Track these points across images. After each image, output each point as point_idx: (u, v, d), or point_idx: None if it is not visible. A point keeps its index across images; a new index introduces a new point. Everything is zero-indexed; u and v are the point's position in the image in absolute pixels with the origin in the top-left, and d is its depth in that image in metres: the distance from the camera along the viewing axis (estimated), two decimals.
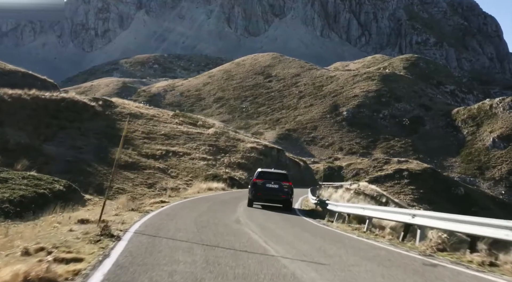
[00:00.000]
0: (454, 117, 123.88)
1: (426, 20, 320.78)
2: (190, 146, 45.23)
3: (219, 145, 50.09)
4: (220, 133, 54.25)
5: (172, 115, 54.16)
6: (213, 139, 51.07)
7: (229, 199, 26.18)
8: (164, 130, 45.72)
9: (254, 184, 22.85)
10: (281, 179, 23.12)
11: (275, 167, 37.64)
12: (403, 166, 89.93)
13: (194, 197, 24.97)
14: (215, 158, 45.00)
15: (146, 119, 47.05)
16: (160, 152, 38.70)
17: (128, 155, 34.21)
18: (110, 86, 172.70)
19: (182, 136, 46.81)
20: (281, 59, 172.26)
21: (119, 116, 42.45)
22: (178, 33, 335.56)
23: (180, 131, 48.07)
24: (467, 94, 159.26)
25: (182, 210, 17.28)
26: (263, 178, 23.01)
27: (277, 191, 22.59)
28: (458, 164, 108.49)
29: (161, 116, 51.46)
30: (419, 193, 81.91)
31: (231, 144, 52.27)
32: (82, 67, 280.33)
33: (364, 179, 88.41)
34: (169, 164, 36.69)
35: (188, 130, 50.01)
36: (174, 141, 44.27)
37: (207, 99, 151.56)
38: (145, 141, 40.03)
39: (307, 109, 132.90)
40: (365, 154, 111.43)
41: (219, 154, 47.33)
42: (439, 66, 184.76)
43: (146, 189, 27.80)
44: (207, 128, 54.97)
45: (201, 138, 49.67)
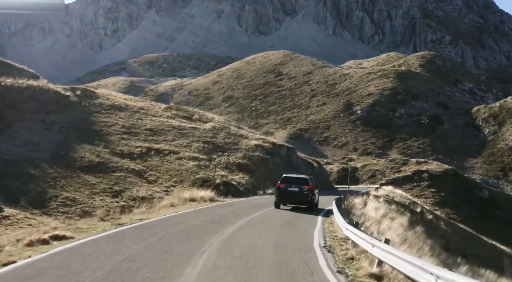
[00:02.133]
0: (474, 116, 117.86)
1: (441, 18, 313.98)
2: (179, 143, 38.97)
3: (216, 142, 43.29)
4: (219, 128, 47.39)
5: (164, 108, 47.61)
6: (209, 135, 44.42)
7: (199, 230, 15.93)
8: (151, 124, 39.80)
9: (278, 188, 26.01)
10: (302, 183, 25.90)
11: (284, 169, 39.32)
12: (422, 167, 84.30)
13: (144, 222, 16.72)
14: (210, 158, 38.83)
15: (132, 111, 40.50)
16: (140, 150, 32.09)
17: (95, 153, 27.85)
18: (117, 85, 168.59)
19: (171, 131, 40.65)
20: (293, 57, 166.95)
21: (98, 108, 36.43)
22: (188, 32, 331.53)
23: (170, 126, 41.82)
24: (486, 92, 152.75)
25: None
26: (285, 183, 25.92)
27: (298, 194, 25.47)
28: (480, 165, 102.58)
29: (151, 109, 44.84)
30: (440, 196, 76.32)
31: (232, 141, 45.20)
32: (91, 67, 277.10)
33: (381, 181, 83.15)
34: (149, 165, 30.41)
35: (180, 125, 43.37)
36: (161, 137, 37.93)
37: (216, 98, 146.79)
38: (124, 136, 33.66)
39: (320, 108, 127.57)
40: (380, 154, 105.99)
41: (215, 152, 40.77)
42: (456, 64, 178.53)
43: (108, 199, 21.55)
44: (204, 122, 48.06)
45: (195, 134, 43.08)
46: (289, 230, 17.59)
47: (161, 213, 19.93)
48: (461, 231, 53.96)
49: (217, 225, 17.02)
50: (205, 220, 18.48)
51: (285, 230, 17.36)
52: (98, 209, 18.10)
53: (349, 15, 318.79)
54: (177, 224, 16.58)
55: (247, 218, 19.91)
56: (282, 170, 43.35)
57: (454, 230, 49.33)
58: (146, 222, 16.82)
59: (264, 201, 30.73)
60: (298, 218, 21.79)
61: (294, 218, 22.01)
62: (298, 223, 19.99)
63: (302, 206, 26.41)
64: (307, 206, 26.22)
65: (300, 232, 17.17)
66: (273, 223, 19.46)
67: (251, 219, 19.87)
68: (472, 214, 73.37)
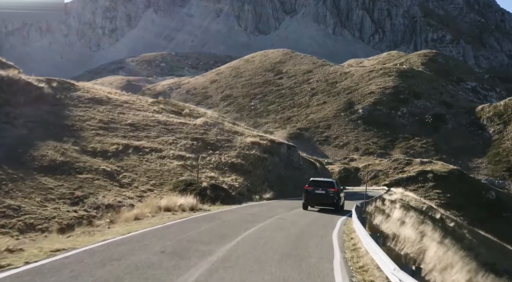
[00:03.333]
0: (479, 115, 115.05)
1: (441, 17, 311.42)
2: (164, 140, 34.55)
3: (207, 139, 38.55)
4: (211, 124, 42.60)
5: (151, 102, 43.27)
6: (199, 132, 39.69)
7: None
8: (133, 119, 35.70)
9: (306, 191, 27.36)
10: (328, 186, 27.35)
11: (284, 169, 36.71)
12: (427, 168, 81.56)
13: (41, 263, 10.14)
14: (198, 157, 33.42)
15: (114, 105, 36.52)
16: (116, 148, 28.23)
17: (61, 151, 23.60)
18: (114, 84, 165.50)
19: (156, 127, 36.33)
20: (292, 55, 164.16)
21: (75, 101, 32.71)
22: (187, 32, 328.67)
23: (155, 121, 37.63)
24: (490, 91, 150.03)
25: None
26: (313, 186, 27.30)
27: (324, 196, 26.90)
28: (485, 166, 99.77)
29: (136, 103, 40.73)
30: (446, 198, 73.60)
31: (225, 138, 40.31)
32: (89, 67, 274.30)
33: (384, 181, 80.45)
34: (124, 165, 26.34)
35: (167, 120, 39.07)
36: (143, 133, 33.85)
37: (214, 97, 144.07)
38: (100, 132, 29.80)
39: (320, 107, 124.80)
40: (383, 154, 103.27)
41: (205, 151, 36.00)
42: (459, 62, 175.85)
43: (64, 208, 17.43)
44: (195, 117, 43.31)
45: (183, 129, 38.48)
46: (292, 270, 11.23)
47: (109, 233, 14.48)
48: (484, 240, 50.80)
49: (177, 263, 10.80)
50: (163, 250, 12.15)
51: (287, 270, 11.17)
52: (47, 220, 14.82)
53: (349, 14, 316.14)
54: (104, 265, 10.11)
55: (232, 243, 13.89)
56: (282, 171, 39.70)
57: (477, 238, 46.08)
58: (44, 263, 10.15)
59: (259, 210, 25.29)
60: (303, 248, 14.33)
61: (297, 243, 15.21)
62: (306, 255, 13.24)
63: (328, 207, 27.64)
64: (333, 207, 27.42)
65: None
66: (269, 253, 12.94)
67: (238, 245, 13.66)
68: (479, 216, 70.58)
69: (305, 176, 40.52)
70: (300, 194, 31.75)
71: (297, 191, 39.82)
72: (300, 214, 24.89)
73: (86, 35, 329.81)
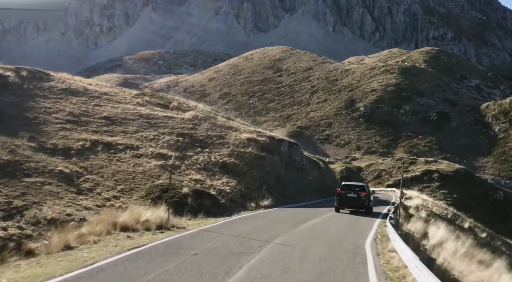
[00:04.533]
0: (484, 113, 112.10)
1: (442, 15, 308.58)
2: (143, 135, 29.84)
3: (195, 135, 33.52)
4: (201, 118, 37.52)
5: (135, 93, 38.62)
6: (187, 127, 34.64)
7: None
8: (110, 112, 31.21)
9: (338, 194, 28.52)
10: (359, 190, 28.44)
11: (284, 169, 33.82)
12: (432, 167, 78.56)
13: None
14: (183, 156, 29.29)
15: (90, 97, 32.28)
16: (82, 144, 23.96)
17: (10, 148, 19.60)
18: (110, 82, 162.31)
19: (136, 121, 31.69)
20: (292, 53, 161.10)
21: (45, 92, 29.10)
22: (185, 30, 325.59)
23: (136, 114, 32.93)
24: (493, 89, 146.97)
25: None
26: (345, 190, 28.48)
27: (356, 199, 27.93)
28: (491, 165, 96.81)
29: (118, 95, 36.39)
30: (452, 198, 70.53)
31: (216, 134, 35.28)
32: (86, 65, 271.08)
33: (388, 181, 77.50)
34: (89, 165, 22.20)
35: (150, 113, 34.31)
36: (119, 127, 29.39)
37: (213, 95, 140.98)
38: (67, 126, 25.66)
39: (321, 105, 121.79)
40: (385, 153, 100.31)
41: (192, 148, 31.01)
42: (462, 60, 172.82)
43: None
44: (184, 111, 38.29)
45: (169, 124, 33.70)
46: None
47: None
48: None
49: None
50: None
51: None
52: None
53: (349, 11, 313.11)
54: None
55: None
56: (283, 172, 36.01)
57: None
58: None
59: (252, 228, 19.11)
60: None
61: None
62: None
63: (359, 210, 28.48)
64: (363, 210, 28.39)
65: None
66: None
67: None
68: (487, 218, 67.59)
69: (309, 178, 36.54)
70: (304, 199, 29.67)
71: (301, 195, 35.60)
72: (309, 234, 18.50)
73: (84, 33, 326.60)
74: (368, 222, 23.64)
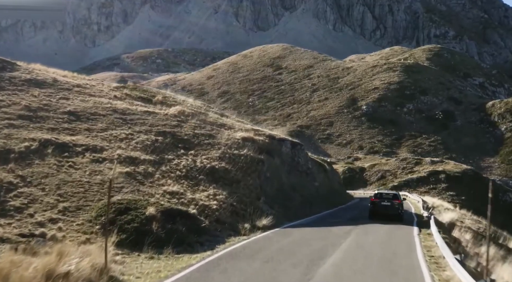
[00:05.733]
0: (489, 111, 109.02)
1: (444, 13, 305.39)
2: (114, 134, 24.54)
3: (179, 133, 28.06)
4: (188, 114, 31.74)
5: (114, 86, 34.14)
6: (170, 124, 29.14)
7: None
8: (77, 106, 26.16)
9: (373, 203, 30.07)
10: (393, 198, 29.97)
11: (287, 175, 29.96)
12: (438, 168, 75.51)
13: None
14: (161, 160, 23.68)
15: (59, 89, 27.59)
16: (28, 146, 19.14)
17: None
18: (107, 80, 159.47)
19: (108, 117, 26.51)
20: (292, 50, 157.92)
21: (3, 83, 25.40)
22: (184, 28, 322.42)
23: (109, 109, 27.77)
24: (498, 87, 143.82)
25: None
26: (378, 198, 30.03)
27: (390, 207, 29.41)
28: (498, 165, 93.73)
29: (94, 87, 31.46)
30: (460, 200, 67.41)
31: (206, 132, 29.69)
32: (84, 63, 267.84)
33: (392, 182, 74.37)
34: (29, 173, 17.18)
35: (127, 108, 29.09)
36: (85, 124, 24.33)
37: (211, 94, 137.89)
38: (16, 122, 21.31)
39: (322, 104, 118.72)
40: (389, 153, 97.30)
41: (173, 150, 25.44)
42: (465, 57, 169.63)
43: None
44: (169, 106, 32.66)
45: (148, 120, 28.31)
46: None
47: None
48: None
49: None
50: None
51: None
52: None
53: (350, 9, 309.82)
54: None
55: None
56: (285, 178, 31.01)
57: None
58: None
59: (241, 281, 12.78)
60: None
61: None
62: None
63: (393, 218, 29.03)
64: (397, 218, 29.13)
65: None
66: None
67: None
68: (496, 221, 64.58)
69: (315, 184, 32.45)
70: (311, 211, 26.87)
71: (307, 206, 30.49)
72: None
73: (81, 31, 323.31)
74: (408, 258, 16.93)
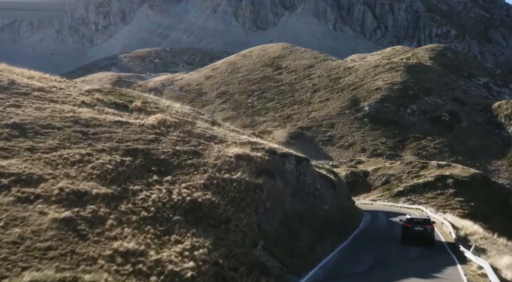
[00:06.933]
0: (496, 113, 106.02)
1: (445, 12, 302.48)
2: (66, 155, 17.95)
3: (154, 151, 21.31)
4: (171, 124, 25.12)
5: (86, 89, 27.66)
6: (146, 138, 22.39)
7: None
8: (27, 116, 20.10)
9: (406, 228, 30.33)
10: (425, 223, 30.47)
11: (291, 199, 24.59)
12: (445, 172, 72.34)
13: None
14: (123, 192, 16.89)
15: (12, 93, 22.00)
16: None
17: None
18: (103, 80, 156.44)
19: (64, 130, 20.18)
20: (292, 50, 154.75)
21: None
22: (183, 28, 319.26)
23: (70, 119, 21.46)
24: (503, 87, 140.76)
25: None
26: (411, 223, 30.34)
27: (423, 233, 29.77)
28: (506, 168, 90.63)
29: (58, 91, 25.27)
30: (469, 207, 64.36)
31: (190, 149, 22.91)
32: (82, 63, 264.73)
33: (398, 188, 71.23)
34: None
35: (94, 117, 22.66)
36: (30, 141, 17.98)
37: (209, 94, 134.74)
38: None
39: (323, 104, 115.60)
40: (392, 156, 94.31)
41: (142, 177, 18.55)
42: (469, 57, 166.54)
43: None
44: (149, 113, 26.25)
45: (117, 134, 21.67)
46: None
47: None
48: None
49: None
50: None
51: None
52: None
53: (350, 9, 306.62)
54: None
55: None
56: (289, 205, 24.65)
57: None
58: None
59: None
60: None
61: None
62: None
63: (425, 242, 29.45)
64: (429, 243, 29.67)
65: None
66: None
67: None
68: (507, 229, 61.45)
69: (324, 207, 27.34)
70: (324, 252, 23.36)
71: (318, 246, 24.02)
72: None
73: (79, 31, 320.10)
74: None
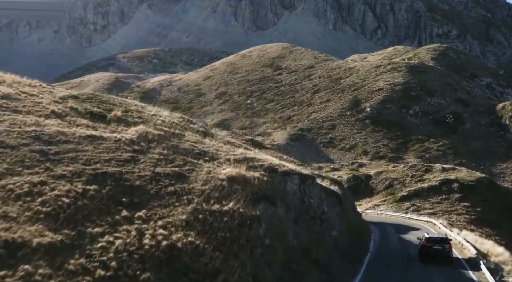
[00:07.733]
0: (500, 114, 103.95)
1: (446, 12, 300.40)
2: (12, 185, 14.10)
3: (128, 176, 17.31)
4: (154, 138, 21.07)
5: (60, 96, 23.49)
6: (121, 158, 18.38)
7: None
8: None
9: (424, 247, 30.53)
10: (444, 242, 30.66)
11: (294, 228, 20.69)
12: (450, 176, 70.19)
13: None
14: (77, 238, 12.89)
15: None
16: None
17: None
18: (101, 81, 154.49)
19: (19, 150, 16.64)
20: (292, 50, 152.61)
21: None
22: (182, 28, 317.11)
23: (30, 135, 17.80)
24: (506, 88, 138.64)
25: None
26: (429, 242, 30.49)
27: (441, 251, 29.95)
28: (511, 171, 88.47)
29: (26, 99, 21.56)
30: (475, 212, 62.17)
31: (173, 171, 18.76)
32: (80, 63, 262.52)
33: (401, 192, 69.09)
34: None
35: (61, 131, 18.77)
36: None
37: (208, 95, 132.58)
38: None
39: (323, 105, 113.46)
40: (395, 158, 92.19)
41: (109, 213, 14.47)
42: (471, 57, 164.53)
43: None
44: (129, 124, 22.10)
45: (85, 153, 17.88)
46: None
47: None
48: None
49: None
50: None
51: None
52: None
53: (350, 8, 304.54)
54: None
55: None
56: (293, 236, 20.35)
57: None
58: None
59: None
60: None
61: None
62: None
63: (444, 260, 29.60)
64: (448, 261, 29.77)
65: None
66: None
67: None
68: None
69: (333, 234, 23.20)
70: None
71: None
72: None
73: (77, 31, 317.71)
74: None
